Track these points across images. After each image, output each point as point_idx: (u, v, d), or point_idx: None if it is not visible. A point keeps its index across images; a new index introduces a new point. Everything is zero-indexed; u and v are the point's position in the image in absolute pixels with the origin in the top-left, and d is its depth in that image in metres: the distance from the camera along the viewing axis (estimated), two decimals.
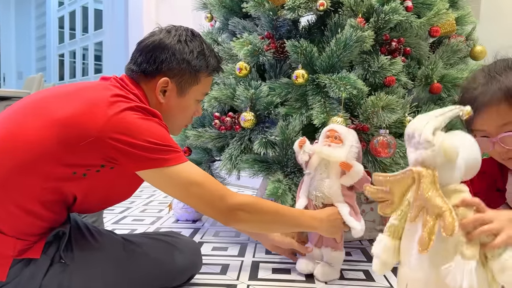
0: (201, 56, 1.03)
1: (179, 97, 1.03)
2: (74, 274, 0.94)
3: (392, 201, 0.69)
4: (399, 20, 1.41)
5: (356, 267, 1.37)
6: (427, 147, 0.64)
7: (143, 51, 1.00)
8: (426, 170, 0.64)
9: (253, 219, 1.00)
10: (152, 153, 0.87)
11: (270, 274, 1.30)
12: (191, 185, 0.92)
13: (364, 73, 1.45)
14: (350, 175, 1.16)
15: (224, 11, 1.79)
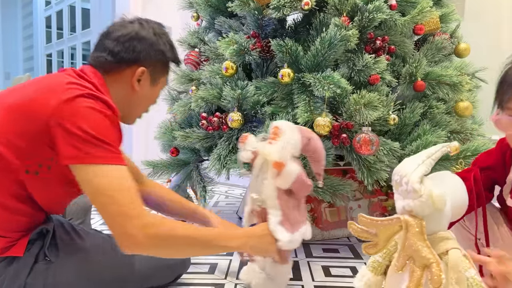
0: (171, 48, 1.07)
1: (151, 86, 1.05)
2: (59, 272, 0.94)
3: (376, 243, 0.69)
4: (383, 18, 1.42)
5: (343, 264, 1.39)
6: (415, 197, 0.64)
7: (119, 41, 0.99)
8: (414, 219, 0.64)
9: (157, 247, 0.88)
10: (86, 146, 0.83)
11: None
12: (102, 194, 0.84)
13: (349, 71, 1.47)
14: (282, 176, 1.01)
15: (210, 10, 1.79)
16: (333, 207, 1.75)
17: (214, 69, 1.58)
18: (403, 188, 0.65)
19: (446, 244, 0.65)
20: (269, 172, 1.03)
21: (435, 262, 0.61)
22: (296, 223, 1.06)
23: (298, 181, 1.02)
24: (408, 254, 0.65)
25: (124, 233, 0.84)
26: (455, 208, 0.69)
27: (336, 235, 1.72)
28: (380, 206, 1.84)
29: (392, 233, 0.68)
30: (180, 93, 1.98)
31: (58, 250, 0.96)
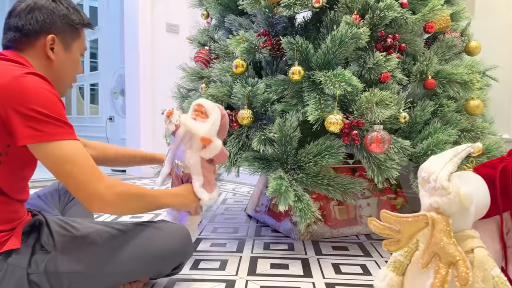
0: (76, 11, 1.08)
1: (66, 51, 1.06)
2: (59, 259, 0.95)
3: (399, 240, 0.69)
4: (394, 16, 1.42)
5: (353, 261, 1.39)
6: (442, 194, 0.64)
7: (21, 16, 1.01)
8: (441, 216, 0.65)
9: (122, 203, 0.99)
10: (41, 125, 0.88)
11: (268, 269, 1.31)
12: (65, 162, 0.91)
13: (359, 69, 1.47)
14: (209, 149, 1.21)
15: (220, 8, 1.80)
16: (342, 205, 1.76)
17: (224, 67, 1.58)
18: (431, 185, 0.66)
19: (471, 243, 0.65)
20: (195, 145, 1.22)
21: (461, 260, 0.61)
22: (214, 185, 1.29)
23: (221, 153, 1.24)
24: (433, 251, 0.65)
25: (94, 194, 0.92)
26: (477, 208, 0.69)
27: (345, 233, 1.72)
28: (389, 204, 1.84)
29: (416, 230, 0.67)
30: (190, 91, 1.99)
31: (54, 240, 0.97)
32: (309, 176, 1.40)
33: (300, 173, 1.42)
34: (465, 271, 0.59)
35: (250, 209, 2.10)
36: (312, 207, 1.33)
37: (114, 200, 0.95)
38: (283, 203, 1.29)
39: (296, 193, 1.33)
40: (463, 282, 0.59)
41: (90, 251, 1.00)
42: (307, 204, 1.32)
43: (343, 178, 1.44)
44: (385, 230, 0.70)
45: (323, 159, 1.38)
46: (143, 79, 3.40)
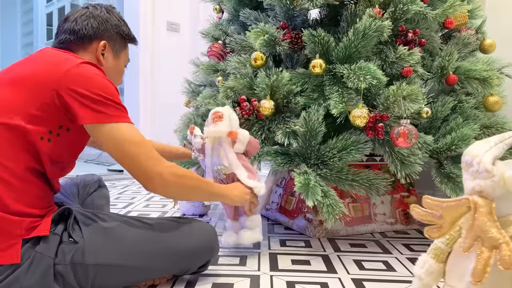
0: (126, 24, 1.19)
1: (114, 59, 1.15)
2: (86, 251, 0.92)
3: (441, 226, 0.67)
4: (417, 10, 1.41)
5: (374, 258, 1.37)
6: (486, 177, 0.62)
7: (77, 21, 1.08)
8: (484, 200, 0.63)
9: (179, 185, 1.03)
10: (102, 106, 0.92)
11: (290, 265, 1.28)
12: (128, 143, 0.95)
13: (381, 63, 1.45)
14: (240, 141, 1.27)
15: (234, 2, 1.78)
16: (357, 203, 1.73)
17: (241, 60, 1.55)
18: (474, 169, 0.64)
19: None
20: (226, 145, 1.28)
21: (505, 243, 0.59)
22: (255, 173, 1.33)
23: (251, 141, 1.30)
24: (476, 234, 0.63)
25: (154, 174, 0.96)
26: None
27: (359, 231, 1.70)
28: (402, 202, 1.82)
29: (459, 215, 0.66)
30: (199, 86, 1.95)
31: (81, 231, 0.95)
32: (333, 171, 1.38)
33: (323, 168, 1.39)
34: (509, 254, 0.58)
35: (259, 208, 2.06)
36: (340, 202, 1.30)
37: (173, 180, 0.99)
38: (311, 198, 1.26)
39: (322, 189, 1.30)
40: (506, 265, 0.57)
41: (118, 244, 0.97)
42: (334, 199, 1.29)
43: (368, 174, 1.42)
44: (427, 216, 0.68)
45: (349, 154, 1.35)
46: (143, 78, 3.35)
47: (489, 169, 0.62)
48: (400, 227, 1.77)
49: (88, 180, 1.35)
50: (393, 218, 1.77)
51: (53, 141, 0.94)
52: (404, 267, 1.28)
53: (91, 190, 1.33)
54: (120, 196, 2.52)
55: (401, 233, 1.71)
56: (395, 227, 1.76)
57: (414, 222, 1.81)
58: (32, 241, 0.88)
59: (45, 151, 0.92)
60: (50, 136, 0.93)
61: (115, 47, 1.14)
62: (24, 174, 0.90)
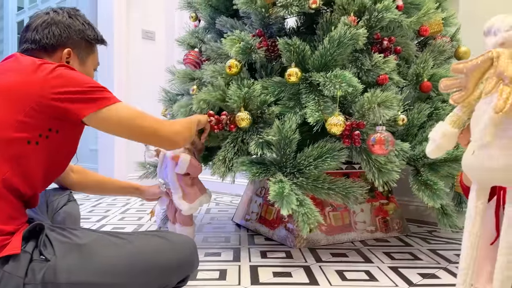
0: (91, 27, 1.14)
1: (81, 65, 1.11)
2: (58, 269, 0.87)
3: (466, 88, 0.67)
4: (392, 18, 1.41)
5: (356, 268, 1.35)
6: (508, 30, 0.64)
7: (38, 30, 1.04)
8: (505, 49, 0.64)
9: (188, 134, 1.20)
10: (94, 94, 0.94)
11: (272, 278, 1.25)
12: (136, 118, 1.01)
13: (357, 71, 1.45)
14: (179, 165, 1.41)
15: (210, 10, 1.75)
16: (337, 211, 1.72)
17: (217, 69, 1.53)
18: (497, 27, 0.66)
19: None
20: (169, 164, 1.44)
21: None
22: (193, 196, 1.47)
23: (191, 165, 1.42)
24: (498, 78, 0.63)
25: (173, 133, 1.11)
26: None
27: (340, 240, 1.68)
28: (381, 210, 1.82)
29: (483, 71, 0.66)
30: (177, 95, 1.92)
31: (53, 248, 0.89)
32: (309, 180, 1.36)
33: (299, 177, 1.37)
34: None
35: (238, 218, 2.03)
36: (315, 211, 1.28)
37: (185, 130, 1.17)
38: (285, 207, 1.23)
39: (297, 197, 1.28)
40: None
41: (92, 261, 0.91)
42: (310, 208, 1.27)
43: (344, 182, 1.40)
44: (454, 84, 0.68)
45: (325, 162, 1.34)
46: (118, 87, 3.28)
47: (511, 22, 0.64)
48: (380, 235, 1.76)
49: (58, 195, 1.29)
50: (373, 226, 1.77)
51: (41, 144, 0.92)
52: (386, 276, 1.27)
53: (61, 204, 1.26)
54: (94, 208, 2.44)
55: (382, 241, 1.70)
56: (375, 235, 1.76)
57: (394, 229, 1.81)
58: (0, 260, 0.83)
59: (32, 156, 0.90)
60: (39, 139, 0.91)
61: (81, 54, 1.11)
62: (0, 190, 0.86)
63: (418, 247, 1.60)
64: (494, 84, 0.62)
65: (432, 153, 0.74)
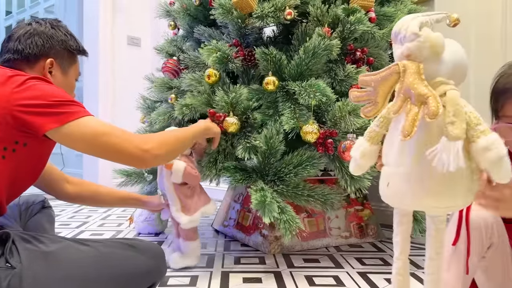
0: (73, 38, 1.15)
1: (63, 75, 1.12)
2: (24, 276, 0.87)
3: (375, 102, 0.65)
4: (364, 30, 1.46)
5: (325, 273, 1.38)
6: (413, 39, 0.62)
7: (21, 40, 1.05)
8: (411, 62, 0.62)
9: (166, 151, 1.05)
10: (59, 108, 0.92)
11: (241, 284, 1.27)
12: (101, 135, 0.95)
13: (331, 81, 1.48)
14: (174, 173, 1.32)
15: (189, 19, 1.78)
16: (312, 218, 1.75)
17: (195, 77, 1.55)
18: (402, 35, 0.63)
19: (444, 87, 0.62)
20: (164, 173, 1.36)
21: (431, 96, 0.58)
22: (193, 207, 1.38)
23: (186, 174, 1.32)
24: (404, 96, 0.61)
25: (143, 152, 0.98)
26: (458, 66, 0.66)
27: (315, 246, 1.71)
28: (356, 216, 1.85)
29: (391, 84, 0.64)
30: (156, 102, 1.94)
31: (19, 256, 0.90)
32: (289, 187, 1.39)
33: (280, 184, 1.40)
34: (435, 105, 0.57)
35: (217, 224, 2.05)
36: (296, 218, 1.31)
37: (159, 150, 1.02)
38: (267, 215, 1.26)
39: (278, 205, 1.30)
40: (433, 116, 0.56)
41: (58, 268, 0.92)
42: (291, 215, 1.30)
43: (323, 189, 1.44)
44: (363, 97, 0.67)
45: (305, 169, 1.37)
46: (103, 93, 3.29)
47: (415, 31, 0.62)
48: (354, 241, 1.79)
49: (31, 201, 1.30)
50: (348, 231, 1.80)
51: (8, 158, 0.92)
52: (354, 281, 1.30)
53: (34, 211, 1.27)
54: (75, 215, 2.44)
55: (356, 247, 1.73)
56: (350, 240, 1.79)
57: (368, 235, 1.84)
58: None
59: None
60: (4, 153, 0.91)
61: (63, 64, 1.11)
62: None
63: (390, 253, 1.63)
64: (400, 102, 0.61)
65: (354, 172, 0.74)
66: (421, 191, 0.61)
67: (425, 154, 0.58)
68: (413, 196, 0.62)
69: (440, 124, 0.58)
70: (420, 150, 0.60)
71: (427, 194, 0.61)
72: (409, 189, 0.62)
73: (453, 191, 0.60)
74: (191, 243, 1.42)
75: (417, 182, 0.61)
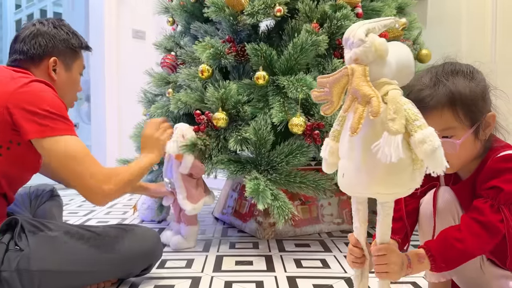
0: (75, 36, 1.23)
1: (67, 72, 1.20)
2: (31, 258, 0.99)
3: (331, 101, 0.71)
4: (350, 25, 1.51)
5: (313, 257, 1.46)
6: (359, 45, 0.68)
7: (26, 41, 1.14)
8: (358, 65, 0.68)
9: (119, 189, 1.11)
10: (44, 120, 0.99)
11: (233, 266, 1.36)
12: (71, 158, 1.01)
13: (319, 75, 1.55)
14: (183, 165, 1.43)
15: (186, 15, 1.85)
16: (305, 205, 1.83)
17: (191, 72, 1.63)
18: (350, 41, 0.69)
19: (387, 87, 0.69)
20: (174, 163, 1.46)
21: (375, 96, 0.64)
22: (197, 196, 1.52)
23: (194, 166, 1.45)
24: (352, 96, 0.68)
25: (98, 189, 1.04)
26: (402, 67, 0.73)
27: (307, 232, 1.79)
28: (348, 203, 1.92)
29: (343, 86, 0.70)
30: (156, 96, 2.02)
31: (27, 240, 1.01)
32: (282, 175, 1.47)
33: (273, 173, 1.48)
34: (377, 104, 0.63)
35: (217, 212, 2.14)
36: (289, 204, 1.39)
37: (114, 190, 1.08)
38: (261, 202, 1.34)
39: (272, 192, 1.39)
40: (374, 114, 0.63)
41: (62, 251, 1.03)
42: (284, 202, 1.38)
43: (314, 175, 1.51)
44: (321, 96, 0.73)
45: (295, 158, 1.45)
46: (109, 85, 3.39)
47: (361, 38, 0.68)
48: (347, 227, 1.87)
49: (41, 190, 1.41)
50: (340, 218, 1.88)
51: (4, 155, 1.01)
52: (339, 264, 1.38)
53: (43, 200, 1.38)
54: (83, 203, 2.56)
55: (347, 232, 1.79)
56: (342, 227, 1.87)
57: None
58: None
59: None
60: (0, 150, 1.01)
61: (66, 61, 1.19)
62: None
63: None
64: (349, 102, 0.68)
65: (327, 170, 0.80)
66: (370, 181, 0.69)
67: (371, 148, 0.66)
68: (364, 185, 0.70)
69: (383, 121, 0.65)
70: (367, 144, 0.67)
71: (376, 183, 0.68)
72: (360, 179, 0.70)
73: (397, 179, 0.68)
74: (191, 227, 1.58)
75: (366, 172, 0.68)
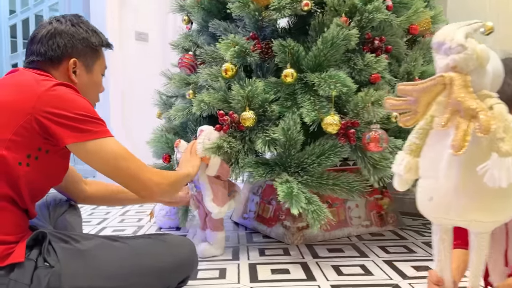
0: (95, 33, 1.12)
1: (88, 73, 1.11)
2: (62, 275, 0.90)
3: (415, 112, 0.65)
4: (382, 18, 1.45)
5: (351, 263, 1.39)
6: (460, 51, 0.61)
7: (43, 42, 1.04)
8: (458, 74, 0.61)
9: (169, 187, 1.09)
10: (83, 124, 0.92)
11: (270, 275, 1.29)
12: (120, 158, 0.97)
13: (350, 71, 1.48)
14: (210, 167, 1.38)
15: (203, 13, 1.78)
16: (332, 208, 1.76)
17: (213, 72, 1.55)
18: (447, 46, 0.62)
19: (490, 101, 0.62)
20: (201, 166, 1.38)
21: (482, 111, 0.57)
22: (223, 199, 1.45)
23: (221, 168, 1.39)
24: (453, 109, 0.60)
25: (153, 184, 1.02)
26: (495, 76, 0.66)
27: (336, 235, 1.72)
28: (376, 204, 1.86)
29: (434, 95, 0.63)
30: (171, 97, 1.94)
31: (56, 255, 0.92)
32: (313, 177, 1.40)
33: (304, 175, 1.40)
34: (487, 120, 0.56)
35: (236, 216, 2.06)
36: (324, 208, 1.32)
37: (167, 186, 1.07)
38: (295, 206, 1.27)
39: (305, 195, 1.31)
40: (485, 131, 0.56)
41: (95, 266, 0.95)
42: (318, 206, 1.31)
43: (347, 177, 1.44)
44: (401, 105, 0.66)
45: (328, 158, 1.38)
46: (113, 88, 3.30)
47: (462, 43, 0.61)
48: (375, 229, 1.80)
49: (58, 200, 1.32)
50: (368, 220, 1.81)
51: (32, 165, 0.92)
52: (381, 270, 1.31)
53: (62, 210, 1.29)
54: (93, 211, 2.46)
55: (377, 235, 1.74)
56: (371, 229, 1.80)
57: (388, 223, 1.85)
58: (6, 268, 0.86)
59: (23, 177, 0.90)
60: (28, 160, 0.91)
61: (87, 61, 1.10)
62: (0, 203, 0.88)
63: (412, 240, 1.64)
64: (449, 115, 0.60)
65: (400, 187, 0.72)
66: (470, 205, 0.61)
67: (474, 168, 0.58)
68: (460, 210, 0.62)
69: (492, 139, 0.58)
70: (469, 164, 0.60)
71: (476, 209, 0.61)
72: (456, 203, 0.62)
73: (503, 206, 0.61)
74: (218, 233, 1.51)
75: (466, 196, 0.61)
